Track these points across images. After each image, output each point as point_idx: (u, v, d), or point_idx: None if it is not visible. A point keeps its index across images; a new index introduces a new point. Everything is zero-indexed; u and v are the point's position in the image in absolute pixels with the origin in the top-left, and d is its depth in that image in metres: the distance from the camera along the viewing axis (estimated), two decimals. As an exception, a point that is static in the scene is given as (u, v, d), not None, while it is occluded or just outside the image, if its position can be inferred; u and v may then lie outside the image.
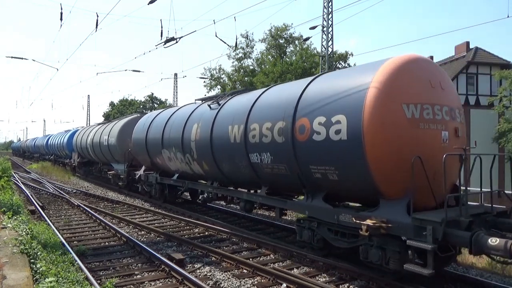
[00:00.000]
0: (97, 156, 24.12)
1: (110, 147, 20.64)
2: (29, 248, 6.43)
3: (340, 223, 7.23)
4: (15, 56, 23.32)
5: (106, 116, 63.03)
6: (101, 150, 22.50)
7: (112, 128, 21.18)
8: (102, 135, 22.09)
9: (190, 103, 14.94)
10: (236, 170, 10.14)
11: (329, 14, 23.70)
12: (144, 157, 16.13)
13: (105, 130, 22.32)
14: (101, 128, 24.07)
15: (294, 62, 35.24)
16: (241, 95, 11.16)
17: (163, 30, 13.73)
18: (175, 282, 6.94)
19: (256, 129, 8.94)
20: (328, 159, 7.17)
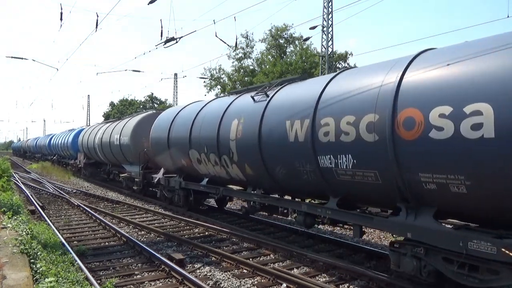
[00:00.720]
0: (107, 157, 22.24)
1: (122, 147, 18.80)
2: (29, 248, 6.42)
3: (470, 252, 5.23)
4: (15, 56, 23.34)
5: (106, 116, 63.05)
6: (111, 151, 20.70)
7: (124, 126, 19.21)
8: (113, 134, 20.20)
9: (221, 96, 13.23)
10: (295, 176, 8.15)
11: (329, 14, 23.71)
12: (165, 159, 14.24)
13: (116, 128, 20.46)
14: (110, 126, 22.13)
15: (294, 62, 35.25)
16: (296, 84, 9.36)
17: (163, 30, 13.69)
18: (175, 282, 6.94)
19: (330, 124, 6.99)
20: (455, 165, 5.19)
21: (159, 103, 63.67)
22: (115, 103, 66.24)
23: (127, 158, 18.77)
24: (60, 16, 14.73)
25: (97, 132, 23.83)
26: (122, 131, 19.02)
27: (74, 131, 33.51)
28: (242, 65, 41.28)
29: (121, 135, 18.89)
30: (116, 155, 20.31)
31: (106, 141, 21.09)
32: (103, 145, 21.87)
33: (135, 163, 17.82)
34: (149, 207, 15.06)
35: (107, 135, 21.34)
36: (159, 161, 15.00)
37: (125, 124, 19.38)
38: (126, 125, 19.06)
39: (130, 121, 19.28)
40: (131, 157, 18.17)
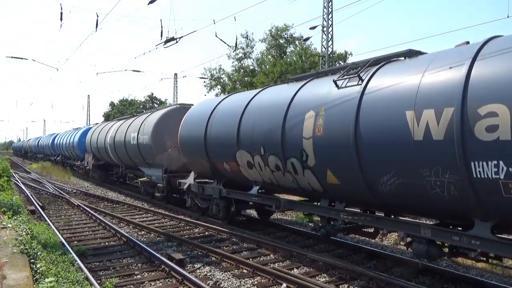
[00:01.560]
0: (120, 158, 19.77)
1: (140, 147, 16.36)
2: (29, 248, 6.42)
3: None
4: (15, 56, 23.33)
5: (106, 116, 63.03)
6: (126, 151, 18.20)
7: (143, 123, 16.65)
8: (129, 132, 17.81)
9: (278, 84, 11.00)
10: (416, 189, 5.90)
11: (329, 14, 23.71)
12: (199, 161, 11.78)
13: (132, 125, 18.05)
14: (125, 123, 19.57)
15: (293, 63, 35.26)
16: (403, 62, 7.03)
17: (163, 30, 13.70)
18: (175, 282, 6.94)
19: (500, 114, 4.80)
20: None
21: (159, 103, 63.67)
22: (115, 103, 66.24)
23: (146, 160, 16.36)
24: (60, 16, 14.73)
25: (109, 131, 21.26)
26: (140, 128, 16.51)
27: (81, 129, 31.02)
28: (242, 65, 41.30)
29: (139, 134, 16.41)
30: (132, 156, 17.78)
31: (120, 140, 18.69)
32: (116, 145, 19.45)
33: (156, 166, 15.47)
34: (149, 207, 15.06)
35: (121, 133, 18.90)
36: (191, 164, 12.72)
37: (144, 120, 16.75)
38: (146, 121, 16.45)
39: (150, 117, 16.59)
40: (151, 159, 15.73)
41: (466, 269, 7.86)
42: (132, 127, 17.88)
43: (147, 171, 16.65)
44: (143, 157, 16.44)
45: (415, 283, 6.66)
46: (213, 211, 11.74)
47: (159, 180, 15.31)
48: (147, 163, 16.36)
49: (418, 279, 7.07)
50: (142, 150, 16.29)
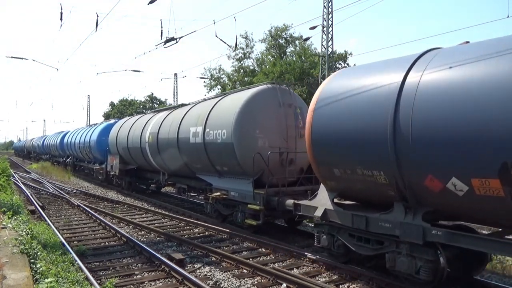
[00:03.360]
0: (166, 162, 14.55)
1: (210, 148, 11.22)
2: (29, 248, 6.42)
3: None
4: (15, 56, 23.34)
5: (106, 116, 63.03)
6: (179, 153, 13.05)
7: (213, 112, 11.44)
8: (185, 127, 12.69)
9: None
10: None
11: (329, 14, 23.72)
12: (368, 173, 6.57)
13: (190, 117, 12.82)
14: (174, 115, 14.24)
15: (293, 63, 35.27)
16: None
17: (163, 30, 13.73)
18: (175, 282, 6.94)
19: None
20: None
21: (159, 103, 63.70)
22: (115, 103, 66.25)
23: (216, 166, 11.34)
24: (60, 16, 14.75)
25: (146, 126, 16.27)
26: (209, 121, 11.36)
27: (100, 125, 26.15)
28: (242, 65, 41.32)
29: (207, 128, 11.36)
30: (190, 160, 12.69)
31: (169, 138, 13.68)
32: (161, 145, 14.41)
33: (236, 175, 10.67)
34: (149, 207, 15.05)
35: (169, 128, 13.87)
36: (331, 175, 7.36)
37: (215, 108, 11.50)
38: (219, 110, 11.31)
39: (225, 102, 11.40)
40: (229, 165, 10.76)
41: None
42: (190, 119, 12.61)
43: (217, 182, 11.51)
44: (212, 161, 11.33)
45: (414, 283, 6.65)
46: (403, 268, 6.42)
47: (245, 197, 10.18)
48: (217, 171, 11.44)
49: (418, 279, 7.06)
50: (213, 152, 11.13)
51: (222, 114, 10.95)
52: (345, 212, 7.26)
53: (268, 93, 10.59)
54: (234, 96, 11.31)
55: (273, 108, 10.39)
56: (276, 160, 10.07)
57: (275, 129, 10.32)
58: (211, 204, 11.78)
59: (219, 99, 11.92)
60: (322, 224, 7.82)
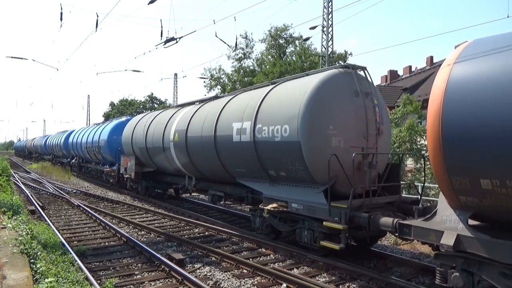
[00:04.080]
0: (196, 165, 12.32)
1: (261, 147, 9.01)
2: (29, 248, 6.43)
3: None
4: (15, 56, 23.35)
5: (106, 116, 63.02)
6: (217, 154, 10.72)
7: (265, 102, 9.21)
8: (225, 122, 10.41)
9: None
10: None
11: (329, 14, 23.71)
12: None
13: (232, 109, 10.51)
14: (208, 108, 11.97)
15: (292, 63, 35.29)
16: None
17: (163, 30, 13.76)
18: (175, 282, 6.94)
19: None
20: None
21: (159, 103, 63.70)
22: (115, 103, 66.24)
23: (270, 170, 9.07)
24: (60, 16, 14.75)
25: (170, 122, 13.88)
26: (262, 114, 9.09)
27: (111, 123, 23.95)
28: (242, 65, 41.33)
29: (257, 123, 9.08)
30: (232, 162, 10.37)
31: (203, 136, 11.28)
32: (190, 145, 12.09)
33: (302, 181, 8.34)
34: (149, 207, 15.04)
35: (199, 124, 11.63)
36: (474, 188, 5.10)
37: (267, 99, 9.25)
38: (273, 100, 9.06)
39: (280, 91, 9.22)
40: (291, 169, 8.37)
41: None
42: (232, 113, 10.30)
43: (268, 190, 9.31)
44: (265, 164, 9.07)
45: (415, 283, 6.67)
46: None
47: (315, 212, 7.91)
48: (270, 176, 9.16)
49: (418, 279, 7.08)
50: (267, 153, 8.88)
51: (280, 105, 8.59)
52: (499, 243, 5.01)
53: (341, 79, 8.30)
54: (295, 84, 9.02)
55: (349, 97, 8.19)
56: (353, 164, 7.52)
57: (352, 124, 8.13)
58: (262, 218, 9.60)
59: (270, 88, 9.52)
60: (452, 256, 5.57)
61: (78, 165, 29.75)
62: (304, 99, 7.95)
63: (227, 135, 10.12)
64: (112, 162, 21.48)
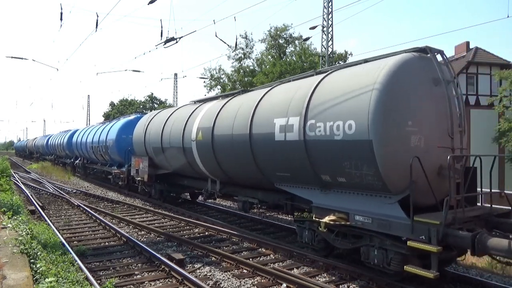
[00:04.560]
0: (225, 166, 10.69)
1: (317, 147, 7.44)
2: (29, 248, 6.43)
3: None
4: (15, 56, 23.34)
5: (106, 116, 63.03)
6: (253, 155, 9.18)
7: (317, 93, 7.69)
8: (261, 118, 9.00)
9: None
10: None
11: (329, 14, 23.71)
12: None
13: (269, 103, 9.07)
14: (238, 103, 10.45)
15: (292, 63, 35.31)
16: None
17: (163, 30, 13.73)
18: (175, 282, 6.94)
19: None
20: None
21: (159, 103, 63.71)
22: (115, 103, 66.25)
23: (321, 174, 7.59)
24: (60, 16, 14.74)
25: (192, 120, 12.20)
26: (314, 107, 7.57)
27: (119, 121, 22.14)
28: (242, 65, 41.36)
29: (310, 118, 7.59)
30: (272, 165, 8.84)
31: (234, 134, 9.81)
32: (218, 144, 10.53)
33: (369, 188, 6.83)
34: (149, 207, 15.04)
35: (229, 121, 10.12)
36: None
37: (320, 88, 7.75)
38: (330, 90, 7.48)
39: (338, 79, 7.64)
40: (355, 173, 6.90)
41: (466, 269, 7.86)
42: (272, 107, 8.77)
43: (320, 198, 7.78)
44: (317, 167, 7.53)
45: (415, 283, 6.66)
46: None
47: (390, 227, 6.49)
48: (322, 181, 7.64)
49: (418, 280, 7.07)
50: (322, 153, 7.34)
51: (341, 97, 7.01)
52: None
53: (418, 64, 6.85)
54: (356, 71, 7.36)
55: (428, 87, 6.82)
56: (434, 168, 6.50)
57: (432, 119, 6.76)
58: (311, 231, 8.12)
59: (322, 77, 7.91)
60: None
61: (83, 166, 28.38)
62: (376, 88, 6.41)
63: (266, 133, 8.60)
64: (121, 163, 20.16)
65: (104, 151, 22.03)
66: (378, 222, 6.60)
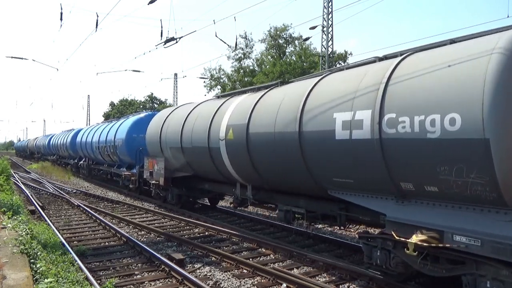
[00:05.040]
0: (262, 169, 9.25)
1: (399, 148, 5.84)
2: (29, 248, 6.43)
3: None
4: (15, 56, 23.34)
5: (106, 116, 63.04)
6: (303, 157, 7.67)
7: (395, 80, 6.10)
8: (315, 112, 7.46)
9: None
10: None
11: (329, 14, 23.73)
12: None
13: (325, 94, 7.47)
14: (279, 95, 9.05)
15: (293, 63, 35.33)
16: None
17: (163, 30, 13.67)
18: (175, 282, 6.94)
19: None
20: None
21: (159, 103, 63.74)
22: (115, 103, 66.29)
23: (400, 181, 6.05)
24: (60, 16, 14.74)
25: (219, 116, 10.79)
26: (393, 97, 6.01)
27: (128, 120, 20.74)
28: (242, 65, 41.39)
29: (387, 112, 6.01)
30: (328, 168, 7.37)
31: (276, 132, 8.39)
32: (255, 144, 9.08)
33: (477, 201, 5.28)
34: (149, 207, 15.04)
35: (270, 116, 8.66)
36: None
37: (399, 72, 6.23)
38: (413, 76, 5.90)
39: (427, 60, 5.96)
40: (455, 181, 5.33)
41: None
42: (332, 98, 7.21)
43: (396, 211, 6.32)
44: (395, 172, 6.07)
45: (415, 283, 6.66)
46: None
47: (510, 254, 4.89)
48: (399, 190, 6.12)
49: (418, 279, 7.07)
50: (406, 156, 5.83)
51: (436, 83, 5.52)
52: None
53: None
54: (450, 51, 5.87)
55: None
56: None
57: None
58: (386, 252, 6.43)
59: (401, 59, 6.45)
60: None
61: (88, 167, 26.93)
62: (492, 71, 4.84)
63: (323, 131, 7.12)
64: (131, 164, 18.90)
65: (112, 152, 20.72)
66: (491, 245, 5.01)
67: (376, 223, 7.14)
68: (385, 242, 6.42)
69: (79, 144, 28.36)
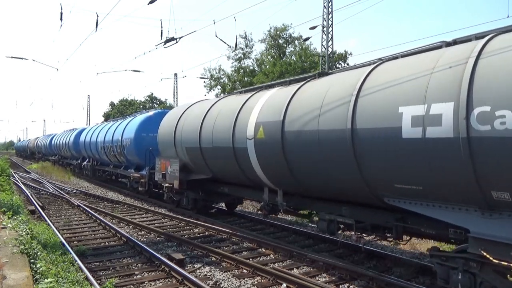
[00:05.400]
0: (299, 172, 8.06)
1: (501, 150, 4.61)
2: (29, 248, 6.43)
3: None
4: (15, 56, 23.34)
5: (106, 116, 63.04)
6: (356, 159, 6.49)
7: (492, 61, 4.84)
8: (372, 107, 6.25)
9: None
10: None
11: (329, 14, 23.72)
12: None
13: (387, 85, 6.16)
14: (321, 87, 7.71)
15: (293, 63, 35.33)
16: None
17: (163, 30, 13.67)
18: (175, 282, 6.94)
19: None
20: None
21: (159, 103, 63.72)
22: (115, 103, 66.28)
23: (493, 190, 4.90)
24: (60, 16, 14.73)
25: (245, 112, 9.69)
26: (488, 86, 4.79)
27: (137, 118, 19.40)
28: (242, 65, 41.39)
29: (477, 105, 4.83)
30: (388, 172, 6.18)
31: (320, 130, 7.17)
32: (291, 144, 7.94)
33: None
34: (149, 207, 15.05)
35: (312, 110, 7.46)
36: None
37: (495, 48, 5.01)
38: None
39: None
40: None
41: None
42: (396, 89, 6.05)
43: (483, 226, 5.16)
44: (485, 179, 4.95)
45: (415, 283, 6.67)
46: None
47: None
48: (486, 199, 5.06)
49: (418, 279, 7.07)
50: (502, 158, 4.69)
51: None
52: None
53: None
54: None
55: None
56: None
57: None
58: (470, 275, 5.39)
59: (493, 35, 5.40)
60: None
61: (92, 168, 25.52)
62: None
63: (385, 128, 5.93)
64: (139, 166, 17.75)
65: (119, 152, 19.50)
66: None
67: (443, 237, 6.17)
68: (467, 263, 5.38)
69: (83, 144, 27.28)
